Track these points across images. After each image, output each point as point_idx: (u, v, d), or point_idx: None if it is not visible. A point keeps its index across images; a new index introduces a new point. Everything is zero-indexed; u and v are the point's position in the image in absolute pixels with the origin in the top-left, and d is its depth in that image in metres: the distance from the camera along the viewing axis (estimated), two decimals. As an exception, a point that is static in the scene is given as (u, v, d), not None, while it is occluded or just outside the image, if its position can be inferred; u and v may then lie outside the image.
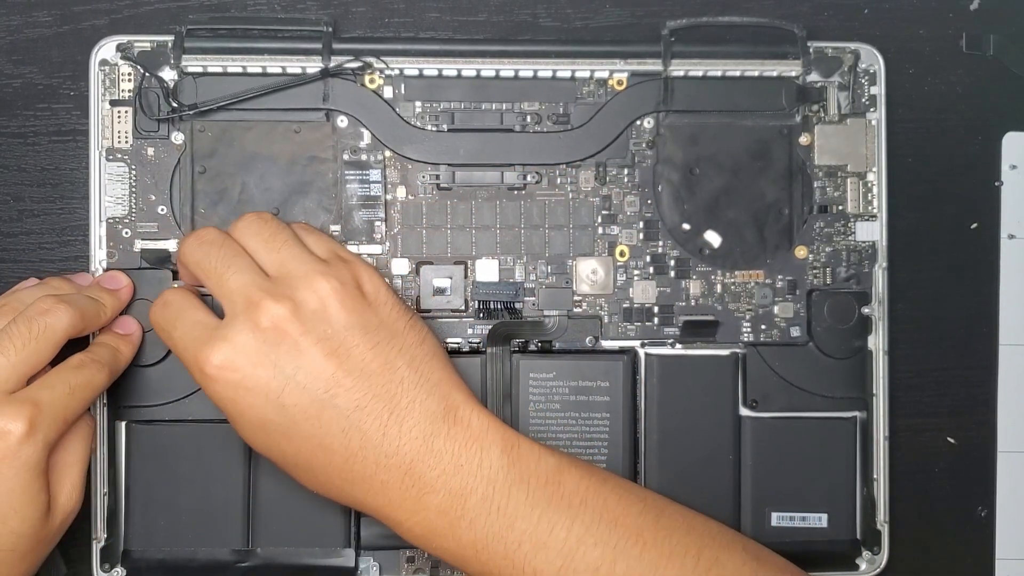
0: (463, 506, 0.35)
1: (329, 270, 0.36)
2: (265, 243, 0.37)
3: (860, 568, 0.43)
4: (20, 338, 0.36)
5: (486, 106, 0.43)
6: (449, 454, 0.35)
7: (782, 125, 0.44)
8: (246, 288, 0.35)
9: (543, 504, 0.35)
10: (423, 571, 0.43)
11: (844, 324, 0.43)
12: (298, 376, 0.35)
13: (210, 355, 0.35)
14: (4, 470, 0.35)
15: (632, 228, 0.44)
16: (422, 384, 0.36)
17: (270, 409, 0.35)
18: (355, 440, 0.35)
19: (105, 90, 0.42)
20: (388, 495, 0.35)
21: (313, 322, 0.35)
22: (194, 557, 0.41)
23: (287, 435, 0.35)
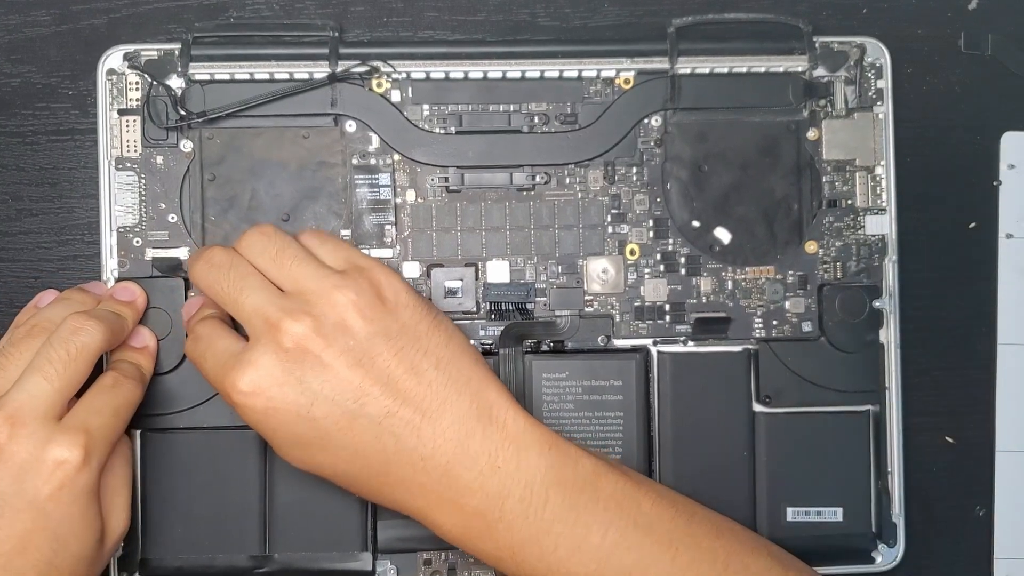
0: (501, 508, 0.35)
1: (344, 281, 0.36)
2: (274, 261, 0.37)
3: (876, 561, 0.44)
4: (60, 362, 0.36)
5: (493, 108, 0.43)
6: (486, 455, 0.35)
7: (789, 120, 0.44)
8: (263, 309, 0.35)
9: (579, 507, 0.35)
10: (440, 573, 0.43)
11: (855, 318, 0.43)
12: (325, 390, 0.35)
13: (236, 381, 0.35)
14: (64, 497, 0.35)
15: (642, 226, 0.44)
16: (451, 384, 0.36)
17: (302, 425, 0.35)
18: (389, 445, 0.35)
19: (113, 99, 0.42)
20: (427, 497, 0.35)
21: (334, 336, 0.35)
22: (211, 564, 0.42)
23: (323, 448, 0.35)
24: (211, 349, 0.37)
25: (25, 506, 0.35)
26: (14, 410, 0.35)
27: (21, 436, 0.35)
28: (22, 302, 0.44)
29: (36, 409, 0.35)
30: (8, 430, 0.35)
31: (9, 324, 0.43)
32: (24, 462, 0.35)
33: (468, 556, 0.43)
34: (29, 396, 0.35)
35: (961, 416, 0.46)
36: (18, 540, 0.34)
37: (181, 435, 0.42)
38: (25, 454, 0.35)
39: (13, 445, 0.35)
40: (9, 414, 0.35)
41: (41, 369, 0.36)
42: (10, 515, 0.34)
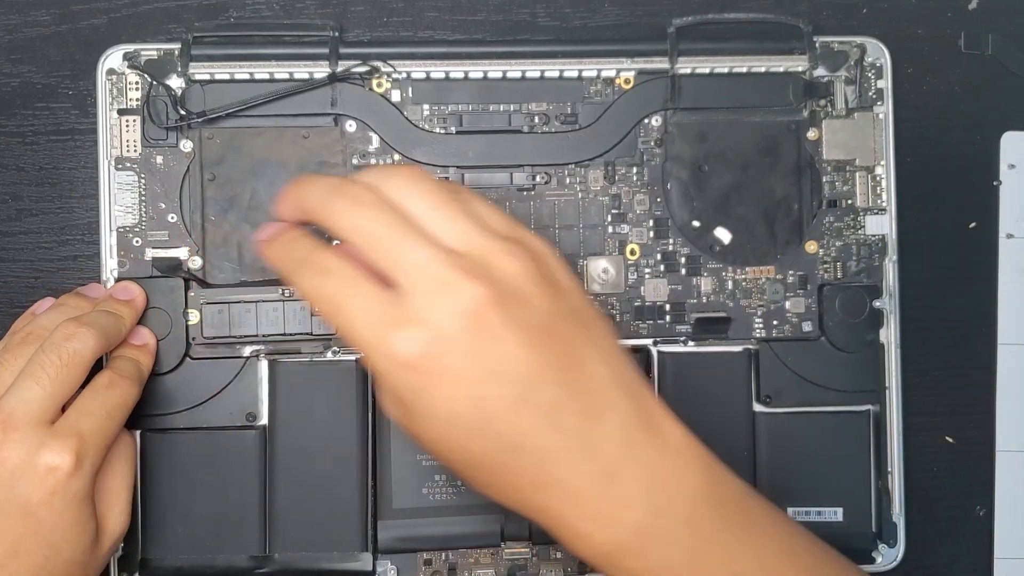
0: (662, 526, 0.31)
1: (518, 249, 0.31)
2: (438, 210, 0.31)
3: (877, 561, 0.44)
4: (52, 367, 0.36)
5: (494, 108, 0.43)
6: (651, 466, 0.31)
7: (790, 120, 0.44)
8: (435, 264, 0.30)
9: (735, 530, 0.32)
10: (440, 573, 0.43)
11: (856, 318, 0.43)
12: (500, 368, 0.30)
13: (404, 340, 0.30)
14: (56, 504, 0.35)
15: (642, 226, 0.44)
16: (616, 382, 0.32)
17: (465, 403, 0.30)
18: (552, 441, 0.31)
19: (112, 99, 0.42)
20: (580, 505, 0.31)
21: (513, 307, 0.30)
22: (212, 564, 0.41)
23: (480, 431, 0.30)
24: (357, 291, 0.31)
25: (16, 511, 0.34)
26: (6, 415, 0.35)
27: (13, 441, 0.35)
28: (22, 302, 0.44)
29: (28, 414, 0.35)
30: (0, 436, 0.35)
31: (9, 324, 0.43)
32: (15, 468, 0.35)
33: (469, 556, 0.43)
34: (21, 401, 0.35)
35: (961, 416, 0.46)
36: (10, 545, 0.34)
37: (181, 435, 0.42)
38: (17, 459, 0.35)
39: (5, 451, 0.35)
40: (1, 420, 0.35)
41: (33, 375, 0.36)
42: (1, 521, 0.34)
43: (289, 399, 0.42)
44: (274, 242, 0.34)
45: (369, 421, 0.42)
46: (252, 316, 0.42)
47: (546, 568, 0.43)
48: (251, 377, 0.42)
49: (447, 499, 0.42)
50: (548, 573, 0.43)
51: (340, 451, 0.42)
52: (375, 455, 0.42)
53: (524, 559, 0.43)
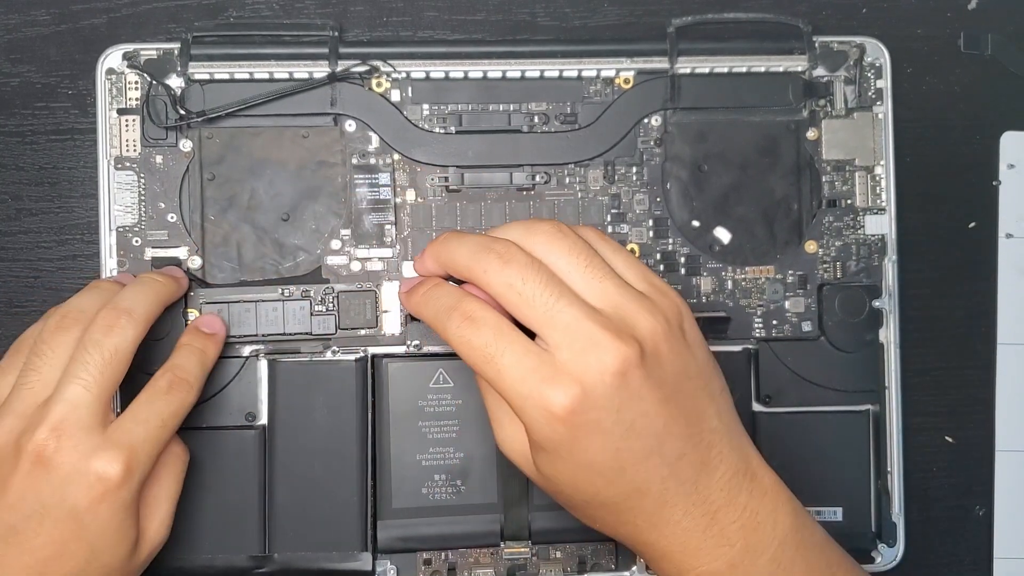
0: (753, 563, 0.34)
1: (656, 308, 0.34)
2: (583, 270, 0.34)
3: (876, 561, 0.44)
4: (95, 366, 0.36)
5: (493, 107, 0.43)
6: (748, 509, 0.34)
7: (789, 120, 0.44)
8: (585, 323, 0.32)
9: (816, 571, 0.35)
10: (440, 573, 0.43)
11: (855, 318, 0.43)
12: (638, 423, 0.33)
13: (558, 395, 0.32)
14: (103, 511, 0.35)
15: (642, 226, 0.44)
16: (728, 436, 0.35)
17: (604, 453, 0.33)
18: (671, 488, 0.34)
19: (112, 99, 0.42)
20: (686, 542, 0.34)
21: (652, 366, 0.33)
22: (211, 564, 0.41)
23: (610, 479, 0.33)
24: (509, 345, 0.33)
25: (65, 516, 0.35)
26: (58, 421, 0.35)
27: (66, 448, 0.35)
28: (22, 302, 0.44)
29: (80, 420, 0.35)
30: (55, 442, 0.35)
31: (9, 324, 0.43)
32: (67, 474, 0.35)
33: (468, 556, 0.43)
34: (72, 407, 0.35)
35: (961, 416, 0.46)
36: (56, 548, 0.35)
37: (181, 435, 0.41)
38: (69, 466, 0.35)
39: (59, 457, 0.35)
40: (54, 426, 0.35)
41: (78, 377, 0.35)
42: (50, 524, 0.35)
43: (289, 399, 0.42)
44: (419, 293, 0.36)
45: (369, 421, 0.42)
46: (252, 316, 0.42)
47: (546, 568, 0.43)
48: (251, 377, 0.42)
49: (447, 499, 0.42)
50: (548, 573, 0.43)
51: (340, 451, 0.42)
52: (375, 455, 0.42)
53: (524, 559, 0.43)
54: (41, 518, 0.34)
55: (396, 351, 0.43)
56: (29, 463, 0.34)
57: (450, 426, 0.42)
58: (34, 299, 0.44)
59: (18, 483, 0.35)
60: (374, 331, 0.43)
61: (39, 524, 0.34)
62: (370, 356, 0.43)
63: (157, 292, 0.39)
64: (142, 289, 0.39)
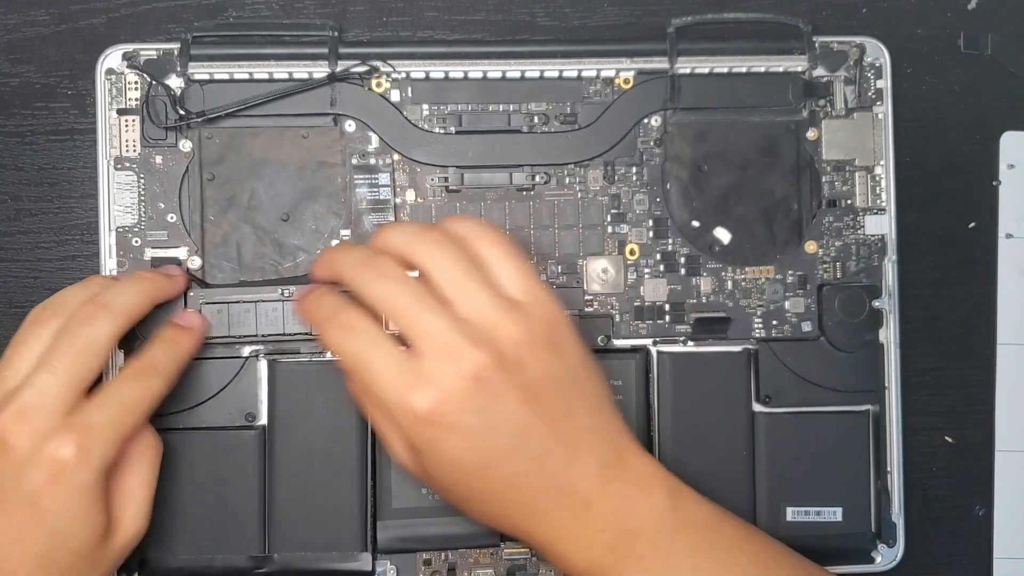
0: (631, 546, 0.36)
1: (524, 320, 0.36)
2: (458, 284, 0.36)
3: (876, 561, 0.44)
4: (67, 355, 0.36)
5: (493, 107, 0.43)
6: (621, 496, 0.36)
7: (789, 120, 0.44)
8: (447, 334, 0.35)
9: (704, 549, 0.37)
10: (440, 573, 0.43)
11: (855, 318, 0.43)
12: (496, 421, 0.35)
13: (418, 399, 0.35)
14: (59, 494, 0.35)
15: (642, 226, 0.44)
16: (598, 431, 0.37)
17: (469, 452, 0.36)
18: (540, 480, 0.36)
19: (112, 99, 0.42)
20: (562, 531, 0.36)
21: (511, 371, 0.35)
22: (211, 564, 0.41)
23: (479, 476, 0.36)
24: (378, 352, 0.36)
25: (22, 500, 0.35)
26: (21, 405, 0.35)
27: (26, 432, 0.35)
28: (21, 302, 0.44)
29: (44, 405, 0.35)
30: (14, 426, 0.35)
31: (9, 324, 0.43)
32: (24, 457, 0.35)
33: (468, 556, 0.43)
34: (36, 391, 0.36)
35: (961, 416, 0.46)
36: (16, 533, 0.35)
37: (181, 435, 0.42)
38: (26, 449, 0.35)
39: (15, 440, 0.35)
40: (16, 409, 0.35)
41: (49, 364, 0.36)
42: (9, 508, 0.35)
43: (289, 399, 0.42)
44: (306, 300, 0.39)
45: (368, 421, 0.42)
46: (251, 316, 0.42)
47: (545, 568, 0.43)
48: (250, 377, 0.42)
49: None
50: (547, 573, 0.43)
51: (339, 451, 0.42)
52: (375, 455, 0.42)
53: (523, 559, 0.43)
54: (1, 502, 0.35)
55: (396, 351, 0.43)
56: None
57: (450, 426, 0.42)
58: (34, 299, 0.44)
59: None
60: (374, 331, 0.43)
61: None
62: (370, 356, 0.43)
63: (143, 288, 0.39)
64: (126, 285, 0.39)
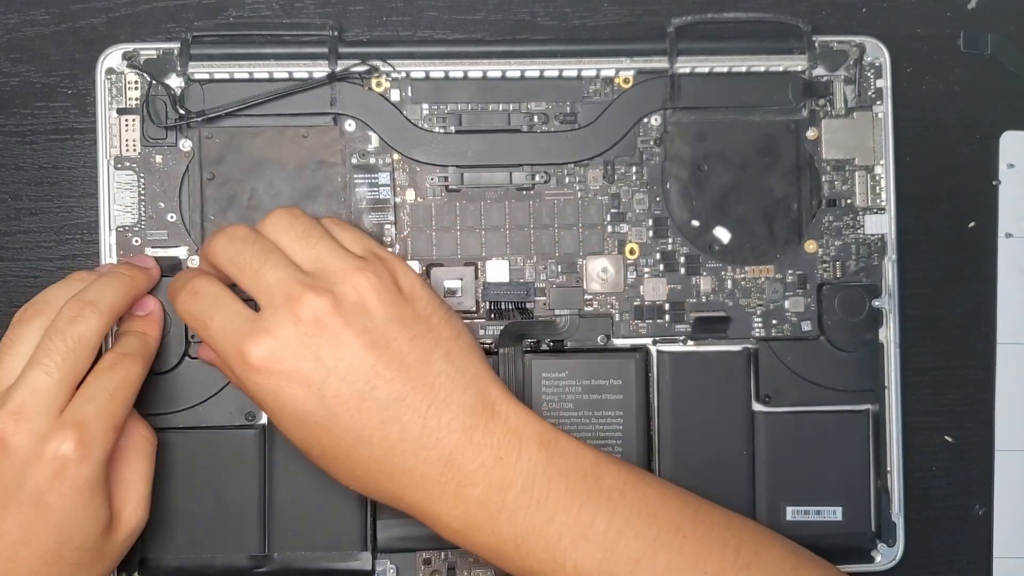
0: (503, 499, 0.35)
1: (366, 266, 0.36)
2: (299, 239, 0.37)
3: (876, 561, 0.44)
4: (58, 353, 0.36)
5: (493, 107, 0.43)
6: (488, 447, 0.35)
7: (789, 120, 0.44)
8: (285, 282, 0.35)
9: (582, 497, 0.35)
10: (440, 573, 0.43)
11: (855, 317, 0.43)
12: (339, 367, 0.35)
13: (253, 347, 0.35)
14: (64, 490, 0.35)
15: (641, 226, 0.44)
16: (459, 377, 0.36)
17: (311, 401, 0.35)
18: (394, 432, 0.35)
19: (112, 98, 0.42)
20: (427, 488, 0.35)
21: (353, 315, 0.35)
22: (211, 564, 0.41)
23: (327, 427, 0.35)
24: (219, 309, 0.36)
25: (27, 499, 0.35)
26: (17, 405, 0.35)
27: (23, 431, 0.35)
28: (21, 301, 0.43)
29: (38, 404, 0.36)
30: (12, 426, 0.35)
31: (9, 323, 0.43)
32: (25, 456, 0.35)
33: (468, 556, 0.43)
34: (31, 391, 0.36)
35: (960, 415, 0.46)
36: (22, 532, 0.35)
37: (180, 434, 0.42)
38: (26, 448, 0.35)
39: (16, 440, 0.35)
40: (12, 410, 0.35)
41: (40, 363, 0.36)
42: (13, 508, 0.35)
43: (288, 398, 0.42)
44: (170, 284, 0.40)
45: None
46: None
47: (545, 567, 0.43)
48: (250, 376, 0.42)
49: (446, 498, 0.42)
50: (547, 572, 0.43)
51: (339, 450, 0.42)
52: (374, 454, 0.42)
53: (523, 558, 0.43)
54: (4, 503, 0.35)
55: (396, 351, 0.43)
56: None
57: (450, 426, 0.42)
58: (34, 299, 0.44)
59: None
60: (374, 331, 0.43)
61: (3, 509, 0.35)
62: (370, 356, 0.43)
63: (123, 284, 0.39)
64: (108, 281, 0.39)
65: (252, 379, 0.35)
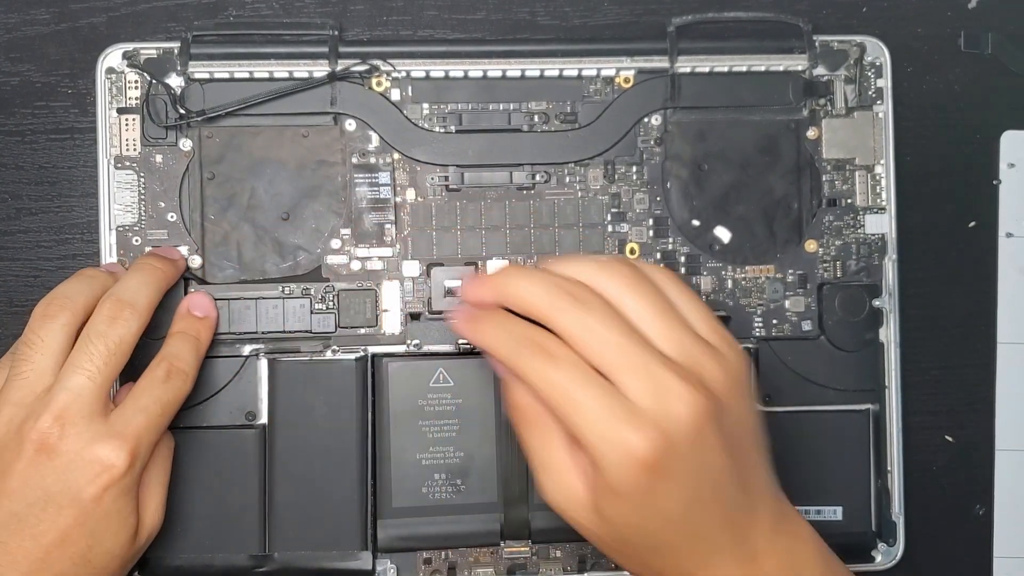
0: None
1: (723, 361, 0.34)
2: (656, 318, 0.33)
3: (876, 560, 0.44)
4: (100, 357, 0.36)
5: (493, 106, 0.43)
6: (787, 552, 0.35)
7: (789, 119, 0.44)
8: (661, 371, 0.32)
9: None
10: (440, 572, 0.43)
11: (855, 317, 0.43)
12: (703, 472, 0.33)
13: (642, 441, 0.32)
14: (106, 498, 0.35)
15: (642, 225, 0.44)
16: (769, 484, 0.35)
17: (675, 500, 0.33)
18: (726, 534, 0.34)
19: (112, 98, 0.42)
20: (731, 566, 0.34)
21: (721, 417, 0.33)
22: (211, 563, 0.41)
23: (675, 525, 0.33)
24: (591, 386, 0.32)
25: (68, 503, 0.35)
26: (62, 409, 0.35)
27: (70, 436, 0.35)
28: (22, 301, 0.44)
29: (83, 408, 0.35)
30: (58, 430, 0.35)
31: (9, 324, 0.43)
32: (71, 461, 0.35)
33: (468, 555, 0.43)
34: (75, 396, 0.35)
35: (961, 415, 0.46)
36: (59, 534, 0.35)
37: (180, 434, 0.41)
38: (73, 454, 0.35)
39: (62, 444, 0.35)
40: (57, 414, 0.35)
41: (82, 366, 0.36)
42: (54, 511, 0.35)
43: (289, 398, 0.42)
44: (488, 324, 0.35)
45: (368, 420, 0.42)
46: (252, 314, 0.42)
47: (546, 567, 0.43)
48: (251, 376, 0.42)
49: (446, 498, 0.42)
50: (548, 572, 0.43)
51: (340, 450, 0.42)
52: (375, 454, 0.42)
53: (524, 558, 0.43)
54: (44, 505, 0.35)
55: (396, 350, 0.43)
56: (32, 451, 0.35)
57: (450, 425, 0.42)
58: (34, 298, 0.43)
59: (21, 471, 0.35)
60: (374, 330, 0.43)
61: (42, 511, 0.35)
62: (370, 355, 0.43)
63: (157, 280, 0.39)
64: (142, 279, 0.39)
65: (630, 469, 0.32)
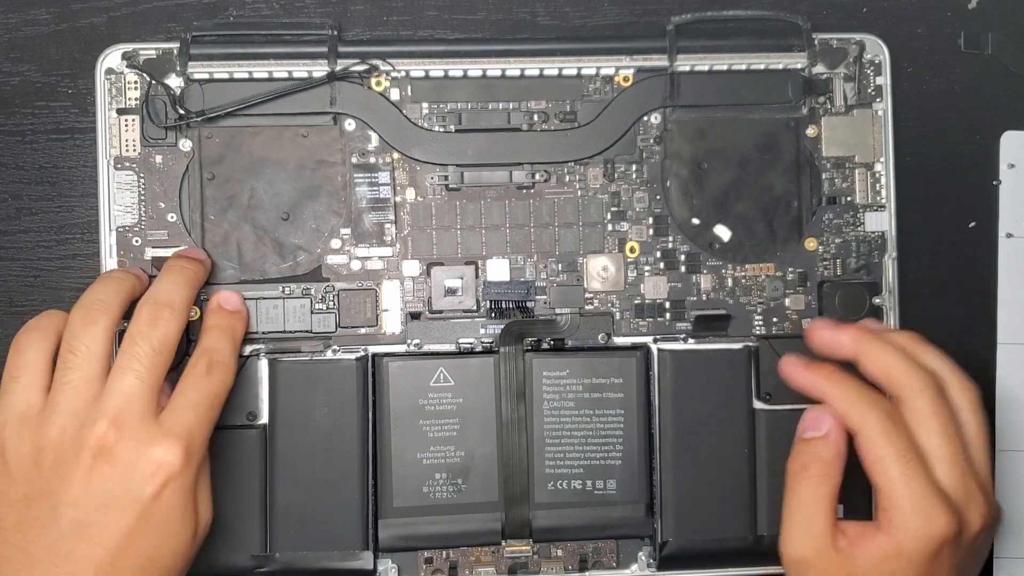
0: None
1: (985, 504, 0.37)
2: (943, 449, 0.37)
3: (877, 558, 0.44)
4: (146, 358, 0.36)
5: (493, 106, 0.43)
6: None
7: (789, 118, 0.44)
8: (973, 481, 0.37)
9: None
10: (441, 572, 0.43)
11: (855, 315, 0.43)
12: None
13: (945, 524, 0.36)
14: (167, 497, 0.36)
15: (642, 224, 0.44)
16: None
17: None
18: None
19: (112, 99, 0.42)
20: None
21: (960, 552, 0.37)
22: (212, 564, 0.41)
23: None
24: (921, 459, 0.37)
25: (130, 505, 0.35)
26: (116, 413, 0.35)
27: (126, 438, 0.35)
28: (22, 301, 0.44)
29: (136, 411, 0.36)
30: (115, 434, 0.35)
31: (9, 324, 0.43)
32: (129, 463, 0.35)
33: (469, 554, 0.43)
34: (126, 399, 0.36)
35: (961, 414, 0.46)
36: (124, 538, 0.35)
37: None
38: (131, 455, 0.35)
39: (119, 447, 0.35)
40: (112, 417, 0.35)
41: (131, 368, 0.36)
42: (116, 513, 0.35)
43: (289, 398, 0.42)
44: (833, 376, 0.39)
45: (369, 420, 0.42)
46: (252, 313, 0.42)
47: (547, 566, 0.43)
48: (251, 376, 0.42)
49: (448, 498, 0.42)
50: (549, 571, 0.43)
51: (340, 450, 0.42)
52: (375, 454, 0.42)
53: (525, 557, 0.43)
54: (107, 509, 0.35)
55: (397, 350, 0.43)
56: (91, 457, 0.35)
57: (451, 424, 0.42)
58: (34, 299, 0.44)
59: (81, 478, 0.35)
60: (374, 330, 0.43)
61: (106, 516, 0.35)
62: (371, 355, 0.43)
63: (189, 280, 0.40)
64: (177, 279, 0.39)
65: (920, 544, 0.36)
